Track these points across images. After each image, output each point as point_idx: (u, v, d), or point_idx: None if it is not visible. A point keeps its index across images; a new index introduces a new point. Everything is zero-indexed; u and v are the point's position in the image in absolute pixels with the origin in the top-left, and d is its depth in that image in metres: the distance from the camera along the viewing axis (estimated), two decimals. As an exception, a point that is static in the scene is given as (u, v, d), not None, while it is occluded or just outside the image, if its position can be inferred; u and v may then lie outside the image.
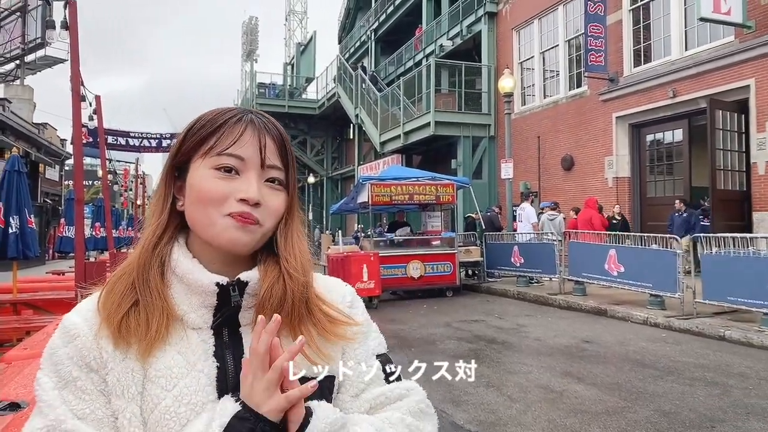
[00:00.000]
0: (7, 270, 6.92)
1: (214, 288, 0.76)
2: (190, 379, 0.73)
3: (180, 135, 0.81)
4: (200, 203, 0.76)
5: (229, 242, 0.75)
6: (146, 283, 0.76)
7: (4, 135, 19.96)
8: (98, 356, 0.73)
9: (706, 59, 11.11)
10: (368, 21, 28.17)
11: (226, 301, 0.77)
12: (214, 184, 0.75)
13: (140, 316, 0.74)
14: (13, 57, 24.71)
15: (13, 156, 6.70)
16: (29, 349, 3.44)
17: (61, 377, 0.72)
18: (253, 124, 0.79)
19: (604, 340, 6.55)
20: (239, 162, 0.76)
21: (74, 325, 0.75)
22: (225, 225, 0.75)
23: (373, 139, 21.55)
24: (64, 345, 0.74)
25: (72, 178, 28.00)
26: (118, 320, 0.73)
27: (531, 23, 16.70)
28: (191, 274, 0.76)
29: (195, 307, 0.77)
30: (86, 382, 0.72)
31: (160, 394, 0.71)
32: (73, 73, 3.17)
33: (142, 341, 0.73)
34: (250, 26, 52.50)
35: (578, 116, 14.70)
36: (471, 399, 4.43)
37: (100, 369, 0.72)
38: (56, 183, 28.40)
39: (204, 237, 0.77)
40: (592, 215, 11.19)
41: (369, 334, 0.87)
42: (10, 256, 6.30)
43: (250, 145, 0.77)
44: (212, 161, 0.76)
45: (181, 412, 0.70)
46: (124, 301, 0.75)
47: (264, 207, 0.77)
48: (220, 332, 0.77)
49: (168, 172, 0.81)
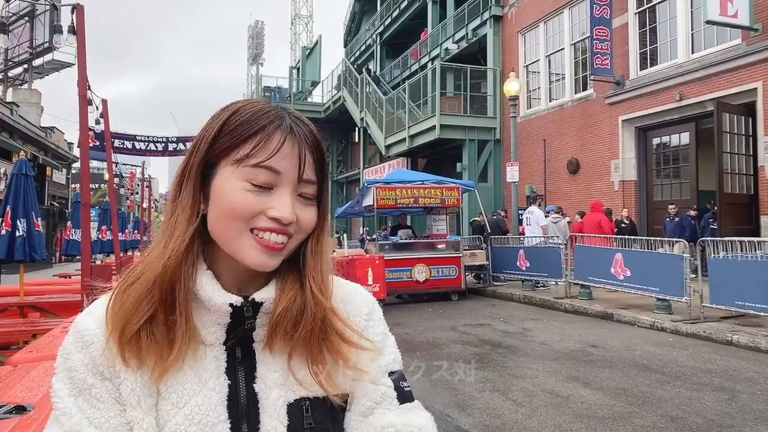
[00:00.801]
0: (14, 273, 6.96)
1: (227, 308, 0.72)
2: (202, 397, 0.70)
3: (211, 129, 0.73)
4: (229, 216, 0.70)
5: (253, 263, 0.71)
6: (171, 298, 0.71)
7: (12, 138, 20.10)
8: (111, 365, 0.70)
9: (712, 62, 11.07)
10: (374, 25, 28.23)
11: (239, 319, 0.74)
12: (246, 199, 0.70)
13: (157, 333, 0.70)
14: (22, 61, 24.92)
15: (21, 159, 6.74)
16: (35, 352, 3.45)
17: (76, 384, 0.70)
18: (292, 133, 0.73)
19: (611, 345, 6.51)
20: (275, 177, 0.71)
21: (88, 331, 0.71)
22: (251, 245, 0.71)
23: (379, 143, 21.57)
24: (78, 351, 0.71)
25: (79, 182, 28.13)
26: (127, 338, 0.69)
27: (537, 26, 16.69)
28: (204, 290, 0.72)
29: (207, 324, 0.73)
30: (101, 390, 0.70)
31: (170, 410, 0.70)
32: (80, 77, 3.19)
33: (159, 362, 0.69)
34: (256, 30, 52.70)
35: (584, 119, 14.67)
36: (476, 403, 4.41)
37: (114, 378, 0.70)
38: (63, 186, 28.57)
39: (227, 251, 0.73)
40: (600, 219, 11.14)
41: (384, 348, 0.82)
42: (16, 259, 6.33)
43: (288, 160, 0.71)
44: (245, 173, 0.70)
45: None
46: (137, 315, 0.70)
47: (295, 222, 0.72)
48: (233, 349, 0.75)
49: (198, 174, 0.73)
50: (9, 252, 6.23)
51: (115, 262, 5.71)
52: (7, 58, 24.77)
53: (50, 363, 2.91)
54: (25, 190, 6.43)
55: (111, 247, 13.39)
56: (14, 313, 6.41)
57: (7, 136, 19.63)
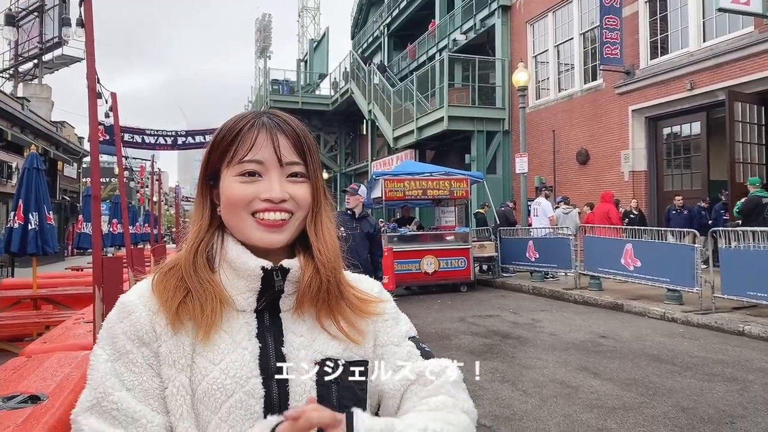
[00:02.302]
0: (27, 266, 7.04)
1: (259, 272, 0.83)
2: (236, 355, 0.79)
3: (207, 148, 0.89)
4: (231, 207, 0.84)
5: (261, 242, 0.83)
6: (196, 275, 0.83)
7: (23, 133, 20.26)
8: (151, 330, 0.80)
9: (724, 50, 10.93)
10: (381, 16, 28.09)
11: (269, 286, 0.84)
12: (240, 189, 0.83)
13: (195, 303, 0.81)
14: (32, 56, 25.05)
15: (32, 154, 6.80)
16: (48, 343, 3.50)
17: (116, 350, 0.79)
18: (265, 127, 0.85)
19: (621, 335, 6.49)
20: (259, 166, 0.83)
21: (130, 302, 0.82)
22: (254, 226, 0.83)
23: (387, 135, 21.53)
24: (120, 321, 0.81)
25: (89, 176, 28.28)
26: (175, 306, 0.80)
27: (545, 16, 16.54)
28: (239, 258, 0.83)
29: (241, 290, 0.84)
30: (137, 356, 0.79)
31: (208, 366, 0.78)
32: (89, 70, 3.20)
33: (198, 324, 0.80)
34: (263, 23, 52.60)
35: (593, 110, 14.55)
36: (486, 394, 4.42)
37: (152, 342, 0.79)
38: (74, 180, 28.78)
39: (239, 238, 0.85)
40: (609, 209, 11.07)
41: (400, 319, 0.95)
42: (29, 252, 6.40)
43: (265, 148, 0.83)
44: (236, 169, 0.84)
45: (227, 384, 0.77)
46: (178, 292, 0.82)
47: (291, 200, 0.84)
48: (262, 316, 0.84)
49: (202, 183, 0.90)
50: (22, 245, 6.31)
51: (126, 255, 5.77)
52: (18, 54, 24.92)
53: (63, 354, 2.95)
54: (36, 184, 6.50)
55: (122, 240, 13.49)
56: (28, 305, 6.50)
57: (19, 131, 19.79)
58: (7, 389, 2.36)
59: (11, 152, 18.75)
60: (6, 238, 6.39)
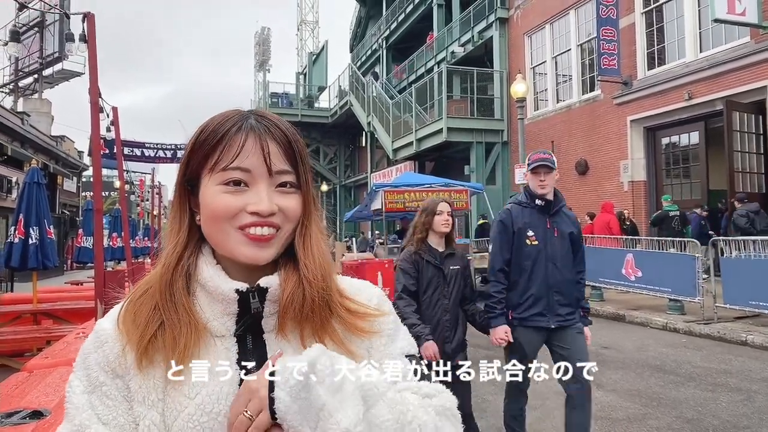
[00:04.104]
0: (27, 280, 7.01)
1: (234, 295, 0.75)
2: (213, 387, 0.72)
3: (186, 149, 0.80)
4: (214, 220, 0.75)
5: (247, 258, 0.75)
6: (171, 301, 0.76)
7: (24, 148, 20.30)
8: (123, 362, 0.74)
9: (721, 60, 11.00)
10: (379, 29, 28.31)
11: (247, 308, 0.76)
12: (225, 201, 0.74)
13: (167, 335, 0.74)
14: (32, 71, 25.18)
15: (33, 168, 6.81)
16: (50, 358, 3.48)
17: (90, 381, 0.74)
18: (254, 130, 0.76)
19: (623, 346, 6.46)
20: (246, 174, 0.75)
21: (104, 332, 0.76)
22: (239, 240, 0.75)
23: (386, 147, 21.60)
24: (94, 350, 0.75)
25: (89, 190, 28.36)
26: (144, 344, 0.73)
27: (542, 28, 16.66)
28: (211, 281, 0.76)
29: (217, 314, 0.76)
30: (111, 388, 0.73)
31: (183, 401, 0.72)
32: (91, 84, 3.22)
33: (170, 358, 0.72)
34: (262, 37, 52.95)
35: (592, 120, 14.61)
36: (489, 406, 4.39)
37: (125, 375, 0.73)
38: (74, 194, 28.79)
39: (221, 252, 0.77)
40: (609, 220, 11.08)
41: (398, 334, 0.85)
42: (30, 267, 6.39)
43: (253, 155, 0.75)
44: (219, 177, 0.75)
45: (204, 422, 0.70)
46: (151, 324, 0.75)
47: (280, 213, 0.76)
48: (244, 340, 0.77)
49: (180, 189, 0.80)
50: (22, 260, 6.29)
51: (126, 269, 5.76)
52: (18, 69, 25.05)
53: (65, 368, 2.93)
54: (37, 199, 6.50)
55: (122, 253, 13.48)
56: (28, 320, 6.47)
57: (19, 146, 19.83)
58: (10, 405, 2.35)
59: (11, 167, 18.78)
60: (6, 253, 6.37)
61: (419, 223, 3.15)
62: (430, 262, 3.08)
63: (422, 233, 3.13)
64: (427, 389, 0.77)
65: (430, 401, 0.75)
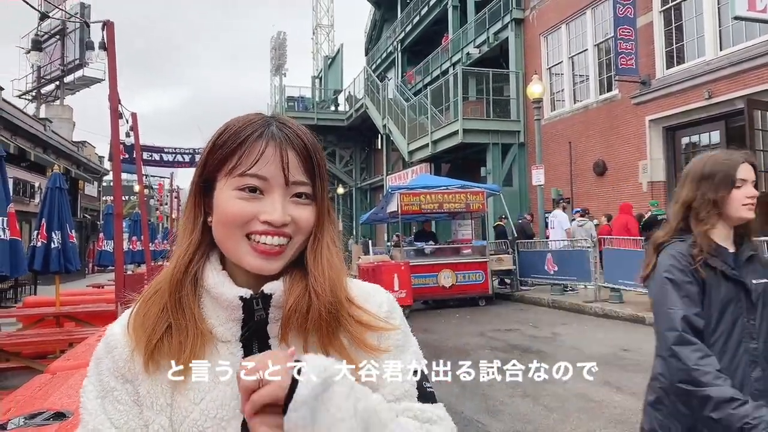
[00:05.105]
0: (50, 284, 7.13)
1: (238, 302, 0.76)
2: (217, 392, 0.73)
3: (205, 149, 0.79)
4: (225, 225, 0.75)
5: (252, 268, 0.75)
6: (179, 304, 0.76)
7: (46, 153, 20.69)
8: (132, 367, 0.75)
9: (742, 58, 10.81)
10: (394, 32, 28.34)
11: (253, 314, 0.77)
12: (238, 206, 0.74)
13: (173, 339, 0.75)
14: (54, 78, 25.69)
15: (55, 173, 6.94)
16: (72, 360, 3.54)
17: (103, 386, 0.76)
18: (274, 139, 0.76)
19: (644, 349, 6.37)
20: (262, 182, 0.74)
21: (114, 336, 0.78)
22: (247, 251, 0.75)
23: (401, 149, 21.59)
24: (105, 355, 0.77)
25: (110, 194, 28.81)
26: (151, 348, 0.74)
27: (558, 28, 16.54)
28: (216, 288, 0.76)
29: (223, 320, 0.77)
30: (122, 393, 0.75)
31: (188, 406, 0.73)
32: (111, 91, 3.28)
33: (176, 363, 0.73)
34: (278, 41, 53.35)
35: (610, 120, 14.46)
36: (507, 409, 4.37)
37: (134, 380, 0.75)
38: (95, 199, 29.26)
39: (230, 257, 0.77)
40: (628, 220, 10.95)
41: (407, 347, 0.83)
42: (52, 270, 6.50)
43: (272, 164, 0.74)
44: (235, 182, 0.75)
45: (207, 427, 0.71)
46: (158, 327, 0.75)
47: (292, 223, 0.76)
48: (250, 345, 0.77)
49: (196, 189, 0.80)
50: (45, 263, 6.40)
51: (146, 272, 5.84)
52: (40, 76, 25.56)
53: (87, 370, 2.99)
54: (59, 203, 6.62)
55: (142, 256, 13.65)
56: (51, 322, 6.58)
57: (41, 151, 20.22)
58: (33, 406, 2.39)
59: (34, 172, 19.15)
60: (29, 256, 6.50)
61: (703, 200, 1.61)
62: (725, 273, 1.57)
63: (710, 221, 1.60)
64: (429, 414, 0.77)
65: (430, 427, 0.75)
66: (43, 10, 10.43)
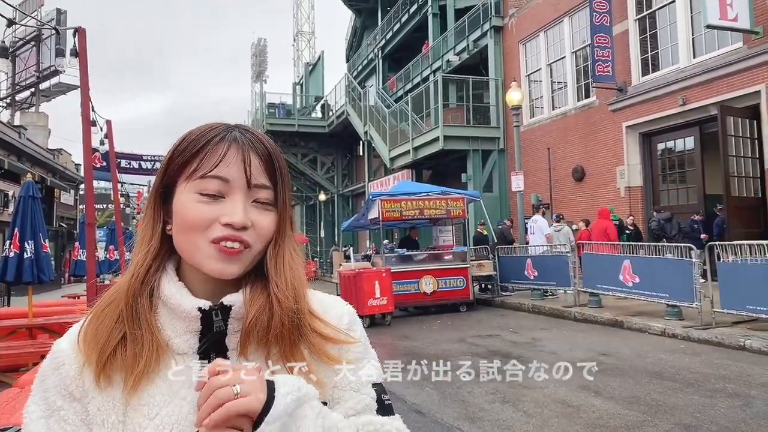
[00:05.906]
0: (23, 294, 6.97)
1: (196, 313, 0.74)
2: (172, 407, 0.70)
3: (166, 155, 0.78)
4: (185, 230, 0.73)
5: (214, 272, 0.73)
6: (135, 314, 0.74)
7: (20, 161, 20.31)
8: (81, 384, 0.72)
9: (715, 66, 11.06)
10: (375, 39, 28.44)
11: (211, 326, 0.74)
12: (198, 210, 0.73)
13: (127, 351, 0.72)
14: (29, 85, 25.28)
15: (28, 182, 6.80)
16: (43, 374, 3.45)
17: (48, 406, 0.73)
18: (237, 142, 0.75)
19: (622, 353, 6.44)
20: (224, 184, 0.73)
21: (61, 352, 0.75)
22: (210, 253, 0.73)
23: (383, 156, 21.62)
24: (51, 373, 0.74)
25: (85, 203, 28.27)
26: (103, 360, 0.72)
27: (537, 36, 16.76)
28: (173, 299, 0.74)
29: (180, 332, 0.75)
30: (69, 412, 0.72)
31: (142, 422, 0.70)
32: (82, 98, 3.22)
33: (129, 376, 0.71)
34: (259, 48, 53.22)
35: (588, 127, 14.66)
36: (486, 415, 4.36)
37: (83, 398, 0.72)
38: (71, 207, 28.77)
39: (191, 263, 0.75)
40: (607, 226, 11.08)
41: (366, 360, 0.82)
42: (25, 281, 6.36)
43: (233, 165, 0.74)
44: (196, 185, 0.73)
45: None
46: (112, 337, 0.73)
47: (252, 229, 0.74)
48: (207, 358, 0.74)
49: (155, 196, 0.78)
50: (18, 274, 6.26)
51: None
52: (15, 83, 25.12)
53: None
54: (32, 212, 6.48)
55: (119, 266, 13.41)
56: (23, 334, 6.43)
57: (16, 159, 19.84)
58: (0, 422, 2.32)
59: (8, 180, 18.79)
60: (1, 267, 6.35)
61: None
62: None
63: None
64: (389, 427, 0.77)
65: None
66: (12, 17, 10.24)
